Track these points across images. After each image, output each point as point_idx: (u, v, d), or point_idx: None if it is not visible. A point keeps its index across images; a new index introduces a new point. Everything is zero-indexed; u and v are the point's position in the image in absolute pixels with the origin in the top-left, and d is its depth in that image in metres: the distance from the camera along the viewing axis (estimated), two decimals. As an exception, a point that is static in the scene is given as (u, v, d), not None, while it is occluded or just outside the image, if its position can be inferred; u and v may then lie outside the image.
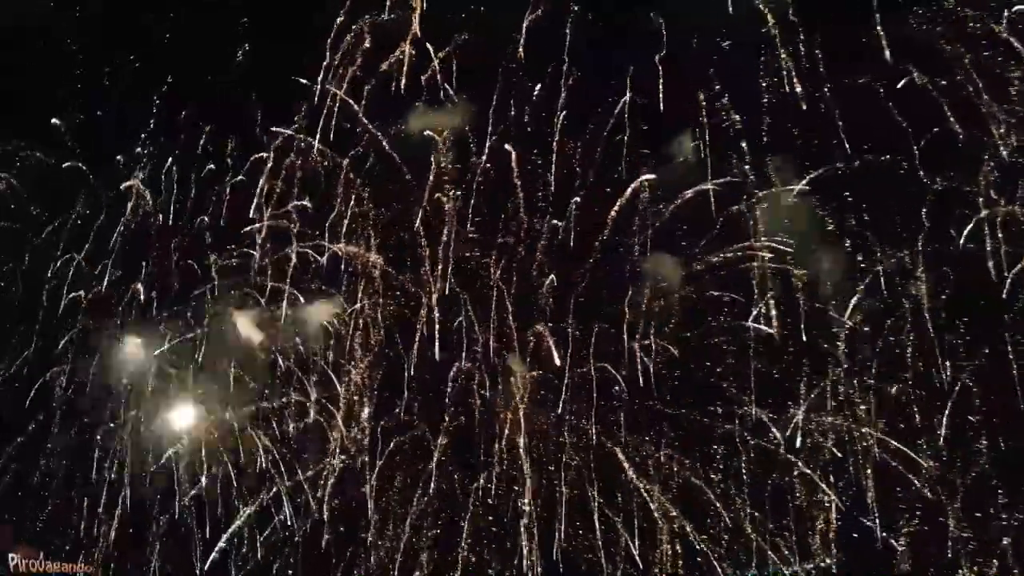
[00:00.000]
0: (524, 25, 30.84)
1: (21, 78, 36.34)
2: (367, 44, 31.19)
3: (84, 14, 36.45)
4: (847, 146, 27.78)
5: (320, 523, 31.50)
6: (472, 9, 31.18)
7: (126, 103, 35.10)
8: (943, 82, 27.24)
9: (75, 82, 36.05)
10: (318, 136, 31.23)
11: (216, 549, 31.70)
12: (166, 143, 34.17)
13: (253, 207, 31.92)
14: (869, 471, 27.71)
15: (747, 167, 29.26)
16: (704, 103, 29.93)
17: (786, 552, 28.55)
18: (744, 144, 29.30)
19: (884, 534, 27.56)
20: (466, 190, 31.18)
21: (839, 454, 28.11)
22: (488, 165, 31.02)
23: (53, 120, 34.77)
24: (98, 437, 33.22)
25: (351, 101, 31.34)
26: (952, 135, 27.25)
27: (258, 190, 31.99)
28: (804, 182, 28.38)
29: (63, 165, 34.72)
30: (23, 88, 36.38)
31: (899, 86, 27.78)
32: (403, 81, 30.72)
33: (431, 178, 31.25)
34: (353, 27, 31.20)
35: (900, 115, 27.66)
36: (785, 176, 28.79)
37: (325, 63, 31.30)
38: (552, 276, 30.77)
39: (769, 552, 28.74)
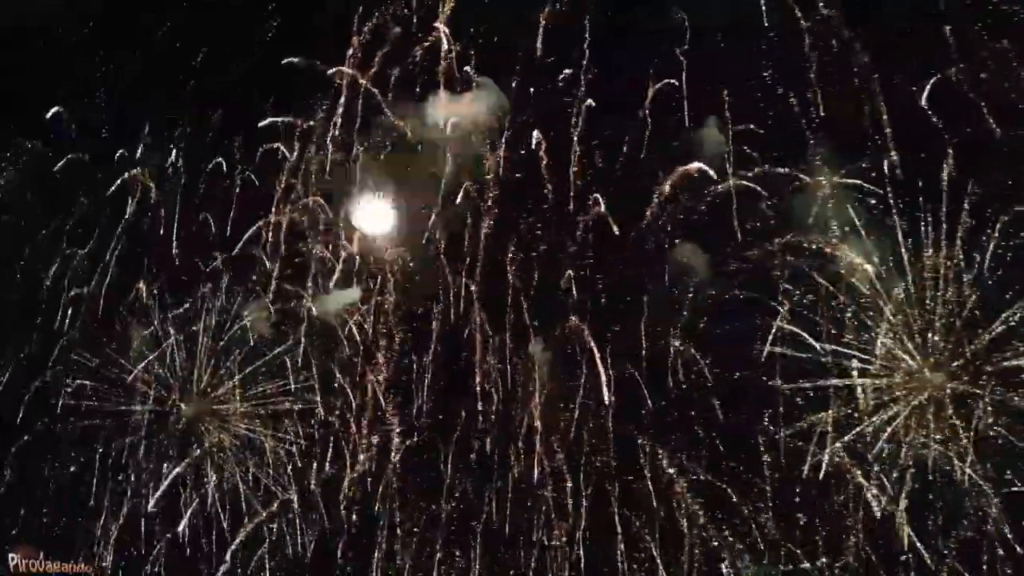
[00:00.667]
0: (542, 17, 30.19)
1: (22, 77, 35.56)
2: (396, 30, 30.23)
3: (86, 10, 35.82)
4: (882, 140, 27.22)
5: (332, 531, 30.53)
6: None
7: (129, 98, 34.38)
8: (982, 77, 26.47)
9: (77, 77, 35.14)
10: (333, 124, 30.52)
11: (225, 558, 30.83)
12: (172, 135, 33.01)
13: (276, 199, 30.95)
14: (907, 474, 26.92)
15: (770, 162, 28.56)
16: (728, 98, 29.12)
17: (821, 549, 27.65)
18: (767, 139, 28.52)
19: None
20: (487, 181, 30.06)
21: (871, 459, 27.27)
22: (507, 154, 29.95)
23: (55, 108, 33.68)
24: (100, 437, 32.09)
25: (375, 90, 30.10)
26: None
27: (281, 182, 30.94)
28: (839, 176, 27.53)
29: (66, 157, 33.56)
30: (24, 87, 35.58)
31: (929, 85, 27.09)
32: (442, 64, 29.61)
33: (449, 169, 30.22)
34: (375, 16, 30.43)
35: (934, 111, 26.96)
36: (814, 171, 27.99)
37: (353, 42, 30.29)
38: (570, 271, 29.71)
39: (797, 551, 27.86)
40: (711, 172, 28.12)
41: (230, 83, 32.52)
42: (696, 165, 28.20)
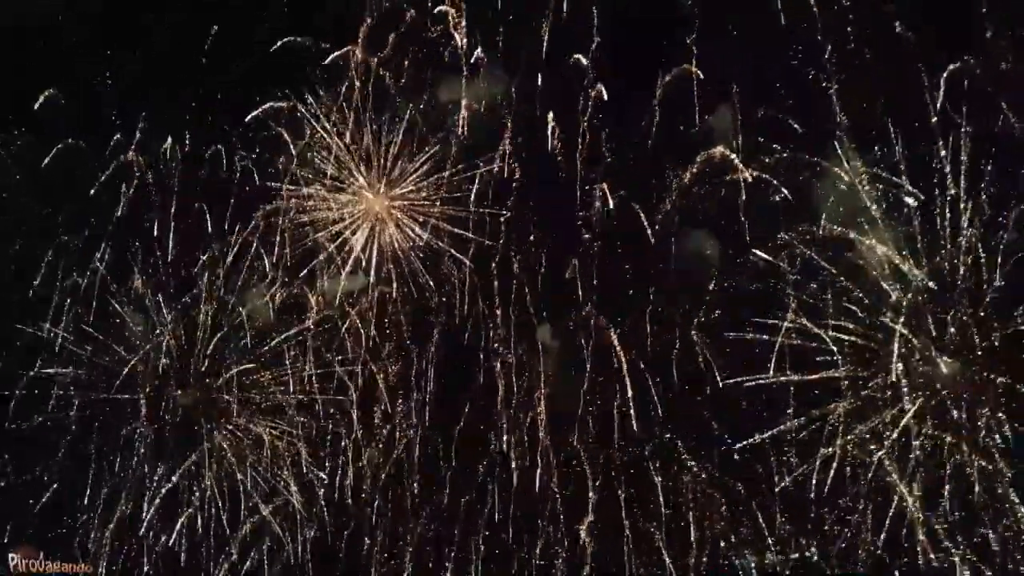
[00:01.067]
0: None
1: (21, 77, 34.99)
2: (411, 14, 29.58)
3: (86, 10, 35.32)
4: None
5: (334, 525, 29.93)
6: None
7: (129, 88, 33.82)
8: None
9: (77, 77, 34.54)
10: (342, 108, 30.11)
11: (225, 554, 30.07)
12: (171, 121, 32.23)
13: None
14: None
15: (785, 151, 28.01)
16: (737, 89, 28.52)
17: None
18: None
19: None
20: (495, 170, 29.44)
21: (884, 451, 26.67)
22: (519, 139, 29.25)
23: (49, 91, 32.86)
24: (97, 432, 31.38)
25: (387, 73, 29.54)
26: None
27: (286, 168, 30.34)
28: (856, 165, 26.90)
29: (63, 142, 32.52)
30: (24, 87, 35.00)
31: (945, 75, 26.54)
32: (460, 41, 28.89)
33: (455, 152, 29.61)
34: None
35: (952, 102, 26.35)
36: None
37: (366, 24, 29.50)
38: (575, 261, 28.97)
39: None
40: (732, 155, 27.41)
41: (233, 76, 31.90)
42: (719, 149, 27.53)
